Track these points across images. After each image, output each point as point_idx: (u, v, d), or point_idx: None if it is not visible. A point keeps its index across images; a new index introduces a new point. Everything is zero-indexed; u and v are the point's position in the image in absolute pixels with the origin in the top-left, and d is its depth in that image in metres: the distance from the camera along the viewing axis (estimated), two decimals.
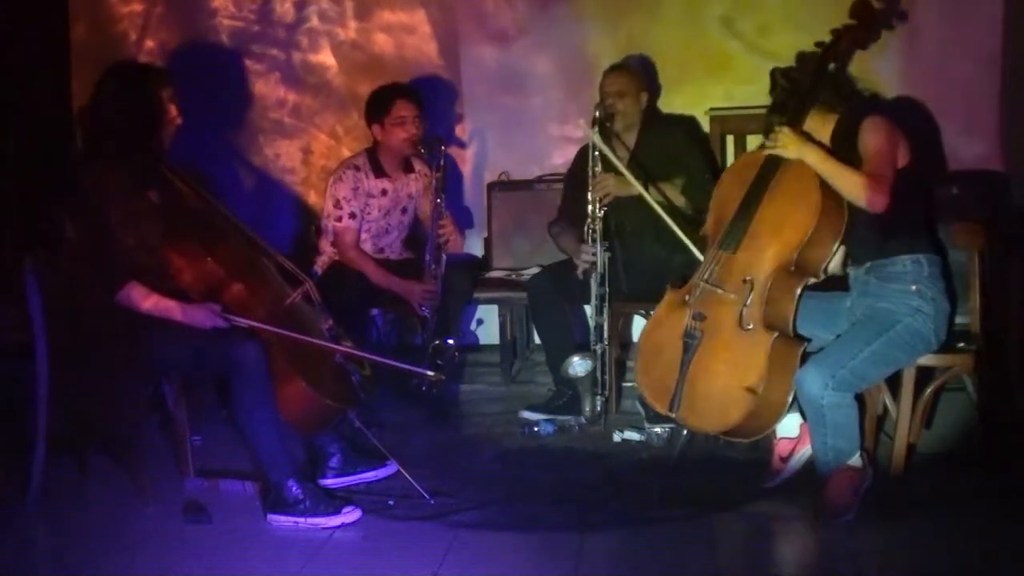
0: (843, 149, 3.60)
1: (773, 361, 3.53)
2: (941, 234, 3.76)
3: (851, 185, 3.51)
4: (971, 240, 3.81)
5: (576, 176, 4.56)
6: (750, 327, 3.60)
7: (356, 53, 5.43)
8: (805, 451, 3.70)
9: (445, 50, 5.36)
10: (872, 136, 3.56)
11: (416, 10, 5.37)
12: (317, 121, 5.51)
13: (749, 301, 3.62)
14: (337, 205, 4.69)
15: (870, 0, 3.82)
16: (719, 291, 3.68)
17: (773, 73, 3.77)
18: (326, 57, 5.46)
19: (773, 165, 3.67)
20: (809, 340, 3.64)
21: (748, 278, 3.65)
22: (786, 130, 3.61)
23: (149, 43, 5.50)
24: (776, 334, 3.55)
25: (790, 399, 3.57)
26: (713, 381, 3.67)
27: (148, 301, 3.53)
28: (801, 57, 3.86)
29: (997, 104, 4.89)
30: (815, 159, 3.57)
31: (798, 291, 3.61)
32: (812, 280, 3.64)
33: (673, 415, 3.71)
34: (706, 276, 3.72)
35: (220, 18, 5.48)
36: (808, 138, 3.63)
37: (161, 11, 5.51)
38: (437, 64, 5.36)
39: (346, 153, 5.23)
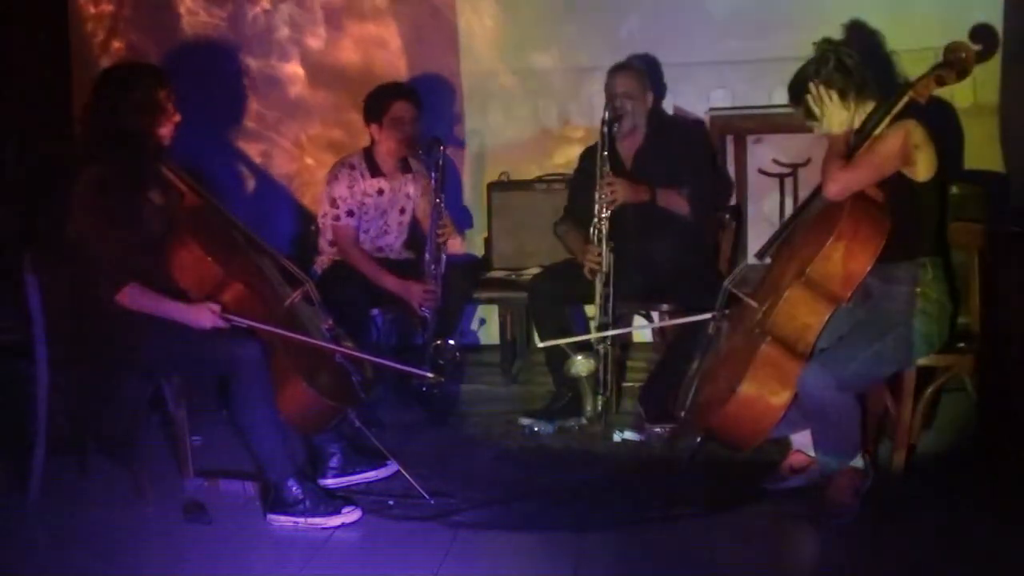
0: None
1: (763, 365, 3.48)
2: None
3: (827, 169, 3.53)
4: (971, 240, 3.81)
5: (582, 176, 4.55)
6: (757, 331, 3.59)
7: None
8: (815, 472, 3.68)
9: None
10: (889, 140, 3.50)
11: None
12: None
13: (765, 308, 3.60)
14: (334, 204, 4.68)
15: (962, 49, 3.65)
16: (742, 297, 3.70)
17: (826, 48, 3.63)
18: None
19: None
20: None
21: (770, 287, 3.66)
22: (833, 96, 3.55)
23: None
24: (770, 338, 3.50)
25: (780, 415, 3.50)
26: (713, 383, 3.68)
27: (148, 301, 3.53)
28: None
29: (997, 104, 4.89)
30: (838, 129, 3.56)
31: (824, 316, 3.50)
32: (837, 303, 3.51)
33: (682, 415, 3.73)
34: (730, 280, 3.75)
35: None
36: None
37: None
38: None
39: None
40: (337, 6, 5.41)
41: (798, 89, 3.62)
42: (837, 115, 3.59)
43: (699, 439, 3.77)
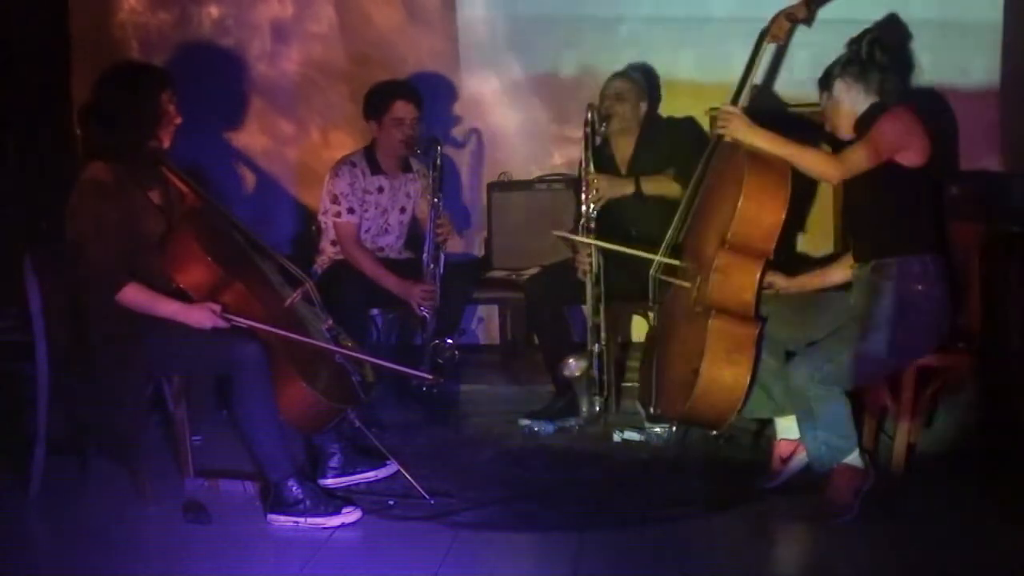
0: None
1: (717, 340, 3.52)
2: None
3: (812, 162, 3.57)
4: (970, 240, 3.81)
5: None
6: (698, 310, 3.61)
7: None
8: (803, 458, 3.69)
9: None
10: (883, 124, 3.52)
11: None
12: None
13: (697, 285, 3.64)
14: (335, 201, 4.68)
15: None
16: (671, 281, 3.74)
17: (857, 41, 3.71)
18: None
19: (718, 148, 3.73)
20: (765, 319, 3.61)
21: (695, 264, 3.69)
22: (737, 113, 3.63)
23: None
24: (714, 311, 3.53)
25: (748, 381, 3.53)
26: (672, 370, 3.71)
27: (148, 301, 3.53)
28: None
29: (997, 104, 4.89)
30: (767, 142, 3.58)
31: (756, 274, 3.57)
32: (765, 259, 3.59)
33: (652, 410, 3.76)
34: (655, 270, 3.82)
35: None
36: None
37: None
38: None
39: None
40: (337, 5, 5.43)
41: (826, 80, 3.70)
42: (846, 120, 3.64)
43: (673, 427, 3.82)
